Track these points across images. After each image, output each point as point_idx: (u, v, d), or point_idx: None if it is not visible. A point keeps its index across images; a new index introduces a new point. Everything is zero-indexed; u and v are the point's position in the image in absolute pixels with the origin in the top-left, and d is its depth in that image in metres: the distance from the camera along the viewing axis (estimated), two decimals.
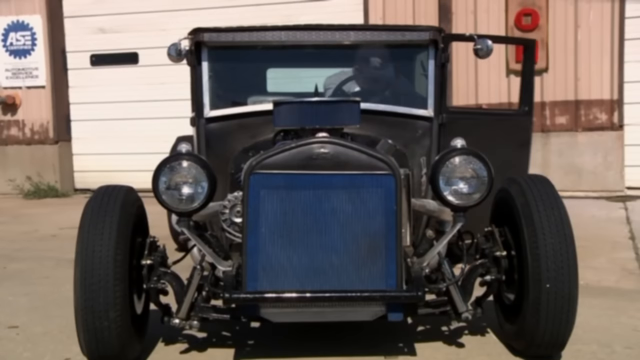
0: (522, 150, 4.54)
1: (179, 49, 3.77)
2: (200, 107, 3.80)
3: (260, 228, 2.77)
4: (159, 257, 3.05)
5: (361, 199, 2.77)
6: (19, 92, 9.46)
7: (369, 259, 2.76)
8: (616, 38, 7.71)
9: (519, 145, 4.53)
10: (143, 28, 8.90)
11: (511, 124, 4.57)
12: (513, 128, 4.52)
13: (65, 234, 6.17)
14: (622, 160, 7.86)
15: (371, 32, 3.86)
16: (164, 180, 2.86)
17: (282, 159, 2.77)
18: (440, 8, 8.01)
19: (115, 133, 9.15)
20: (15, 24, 9.37)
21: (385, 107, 3.83)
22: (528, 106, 4.49)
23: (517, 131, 4.52)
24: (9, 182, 9.34)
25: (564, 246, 2.86)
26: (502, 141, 4.35)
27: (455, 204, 2.92)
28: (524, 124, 4.53)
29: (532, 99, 4.53)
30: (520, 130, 4.53)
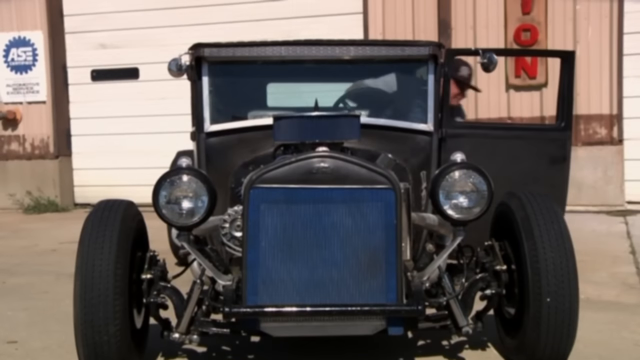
0: (558, 167, 4.35)
1: (179, 63, 3.78)
2: (200, 121, 3.81)
3: (260, 242, 2.77)
4: (159, 271, 3.05)
5: (361, 213, 2.77)
6: (19, 107, 9.49)
7: (369, 273, 2.76)
8: (615, 53, 7.75)
9: (554, 161, 4.35)
10: (143, 43, 8.93)
11: (547, 139, 4.42)
12: (548, 143, 4.37)
13: (65, 248, 6.17)
14: (622, 175, 7.87)
15: (371, 47, 3.88)
16: (164, 194, 2.86)
17: (282, 173, 2.77)
18: (440, 23, 8.05)
19: (115, 148, 9.16)
20: (16, 39, 9.41)
21: (385, 122, 3.84)
22: (565, 121, 4.32)
23: (553, 147, 4.36)
24: (9, 196, 9.34)
25: (565, 260, 2.87)
26: (536, 157, 4.27)
27: (455, 218, 2.92)
28: (561, 139, 4.35)
29: (570, 113, 4.35)
30: (556, 146, 4.35)
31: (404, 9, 8.18)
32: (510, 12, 7.87)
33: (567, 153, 4.36)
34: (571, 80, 4.36)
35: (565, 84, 4.36)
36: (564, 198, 4.31)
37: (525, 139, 4.44)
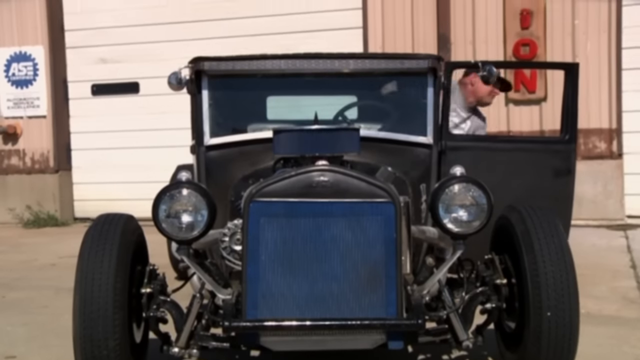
0: (563, 180, 4.35)
1: (179, 77, 3.80)
2: (200, 135, 3.81)
3: (260, 256, 2.76)
4: (159, 285, 3.04)
5: (361, 226, 2.77)
6: (20, 121, 9.50)
7: (369, 287, 2.75)
8: (614, 68, 7.77)
9: (559, 174, 4.35)
10: (144, 58, 8.96)
11: (551, 151, 4.43)
12: (553, 156, 4.38)
13: (65, 263, 6.15)
14: (622, 189, 7.86)
15: (370, 60, 3.89)
16: (164, 208, 2.86)
17: (281, 186, 2.77)
18: (439, 38, 8.08)
19: (115, 162, 9.17)
20: (17, 54, 9.44)
21: (385, 135, 3.85)
22: (570, 134, 4.33)
23: (557, 159, 4.37)
24: (9, 211, 9.33)
25: (565, 274, 2.86)
26: (540, 170, 4.27)
27: (455, 232, 2.92)
28: (566, 151, 4.35)
29: (575, 126, 4.35)
30: (561, 159, 4.36)
31: (404, 23, 8.21)
32: (509, 27, 7.91)
33: (572, 166, 4.36)
34: (575, 93, 4.37)
35: (570, 96, 4.36)
36: (570, 212, 4.29)
37: (529, 152, 4.43)
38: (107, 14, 9.11)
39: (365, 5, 8.32)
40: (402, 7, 8.21)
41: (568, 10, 7.83)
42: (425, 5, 8.15)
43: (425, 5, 8.15)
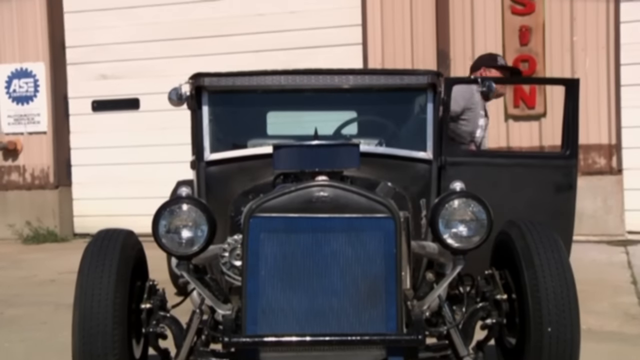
0: (564, 195, 4.33)
1: (179, 93, 3.81)
2: (200, 150, 3.82)
3: (260, 271, 2.75)
4: (158, 300, 3.03)
5: (361, 242, 2.76)
6: (20, 137, 9.53)
7: (369, 303, 2.74)
8: (612, 84, 7.80)
9: (560, 190, 4.34)
10: (144, 74, 9.01)
11: (552, 167, 4.42)
12: (554, 171, 4.37)
13: (64, 278, 6.14)
14: (622, 205, 7.87)
15: (370, 76, 3.91)
16: (164, 223, 2.86)
17: (281, 202, 2.77)
18: (439, 54, 8.12)
19: (115, 178, 9.18)
20: (18, 71, 9.48)
21: (385, 150, 3.86)
22: (571, 149, 4.32)
23: (558, 175, 4.36)
24: (9, 227, 9.33)
25: (565, 289, 2.86)
26: (541, 185, 4.27)
27: (455, 247, 2.91)
28: (567, 167, 4.34)
29: (576, 141, 4.35)
30: (562, 174, 4.35)
31: (403, 39, 8.26)
32: (509, 43, 7.95)
33: (574, 181, 4.35)
34: (576, 108, 4.36)
35: (570, 111, 4.36)
36: (571, 227, 4.29)
37: (530, 167, 4.43)
38: (108, 30, 9.16)
39: (365, 22, 8.37)
40: (401, 24, 8.26)
41: (566, 27, 7.87)
42: (425, 22, 8.19)
43: (425, 21, 8.19)
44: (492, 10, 8.03)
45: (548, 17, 7.87)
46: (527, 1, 7.89)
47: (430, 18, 8.17)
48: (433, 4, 8.16)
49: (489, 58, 5.60)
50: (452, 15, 8.12)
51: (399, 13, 8.26)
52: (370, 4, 8.34)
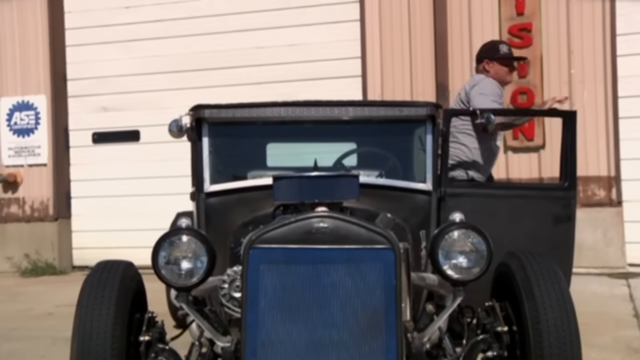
0: (563, 227, 4.35)
1: (180, 124, 3.83)
2: (200, 181, 3.83)
3: (259, 303, 2.74)
4: (158, 332, 3.01)
5: (361, 273, 2.75)
6: (20, 170, 9.54)
7: (369, 334, 2.72)
8: (610, 116, 7.83)
9: (559, 221, 4.35)
10: (144, 106, 9.06)
11: (551, 198, 4.43)
12: (553, 203, 4.38)
13: (62, 312, 6.10)
14: (623, 237, 7.85)
15: (369, 108, 3.93)
16: (164, 255, 2.86)
17: (281, 233, 2.77)
18: (438, 86, 8.17)
19: (115, 210, 9.17)
20: (20, 104, 9.54)
21: (384, 181, 3.87)
22: (569, 181, 4.35)
23: (557, 206, 4.37)
24: (7, 260, 9.29)
25: (566, 321, 2.84)
26: (540, 217, 4.28)
27: (455, 278, 2.90)
28: (566, 198, 4.36)
29: (574, 173, 4.38)
30: (561, 206, 4.37)
31: (402, 72, 8.32)
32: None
33: (572, 213, 4.36)
34: (574, 140, 4.41)
35: (568, 143, 4.40)
36: (571, 259, 4.29)
37: (529, 199, 4.45)
38: (109, 63, 9.24)
39: (365, 55, 8.44)
40: (400, 56, 8.33)
41: (564, 60, 7.94)
42: (424, 54, 8.26)
43: (424, 53, 8.26)
44: None
45: (546, 50, 7.94)
46: (525, 34, 7.97)
47: (429, 51, 8.25)
48: (432, 37, 8.24)
49: (491, 48, 5.41)
50: (451, 48, 8.19)
51: (398, 46, 8.34)
52: (370, 37, 8.43)
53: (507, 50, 5.37)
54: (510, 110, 4.95)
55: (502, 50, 5.33)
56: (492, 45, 5.46)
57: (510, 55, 5.39)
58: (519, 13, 7.99)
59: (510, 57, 5.40)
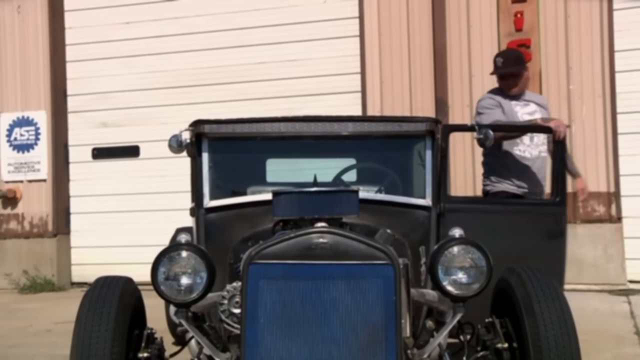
0: (555, 242, 4.37)
1: (179, 140, 3.84)
2: (200, 197, 3.83)
3: (259, 319, 2.73)
4: (157, 349, 3.00)
5: (360, 289, 2.75)
6: (20, 185, 9.53)
7: (369, 351, 2.71)
8: (610, 132, 7.83)
9: (551, 236, 4.38)
10: (144, 122, 9.07)
11: (544, 213, 4.46)
12: (545, 218, 4.41)
13: (60, 328, 6.07)
14: (623, 253, 7.82)
15: (369, 123, 3.94)
16: (163, 270, 2.85)
17: (281, 249, 2.76)
18: (437, 102, 8.19)
19: (114, 226, 9.15)
20: (20, 119, 9.54)
21: (384, 197, 3.86)
22: (560, 196, 4.36)
23: (549, 221, 4.40)
24: (5, 276, 9.25)
25: (567, 338, 2.83)
26: (532, 232, 4.29)
27: (455, 294, 2.90)
28: (558, 214, 4.38)
29: (564, 188, 4.40)
30: (553, 221, 4.40)
31: (402, 87, 8.34)
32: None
33: (564, 228, 4.39)
34: (563, 156, 4.46)
35: (558, 159, 4.45)
36: (562, 273, 4.31)
37: (522, 214, 4.47)
38: (109, 79, 9.25)
39: (364, 70, 8.47)
40: (399, 71, 8.36)
41: (563, 76, 7.96)
42: (423, 70, 8.29)
43: (423, 69, 8.29)
44: (490, 59, 8.06)
45: (544, 66, 7.97)
46: (523, 50, 7.97)
47: (429, 66, 8.27)
48: (431, 52, 8.26)
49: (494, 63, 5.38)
50: (450, 64, 8.21)
51: (398, 62, 8.37)
52: (369, 53, 8.45)
53: (499, 63, 5.33)
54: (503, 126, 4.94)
55: (497, 64, 5.33)
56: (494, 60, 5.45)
57: (496, 70, 5.35)
58: (518, 29, 8.03)
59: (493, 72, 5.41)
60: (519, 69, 5.27)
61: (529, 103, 5.25)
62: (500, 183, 5.10)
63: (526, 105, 5.24)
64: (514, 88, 5.24)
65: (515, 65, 5.27)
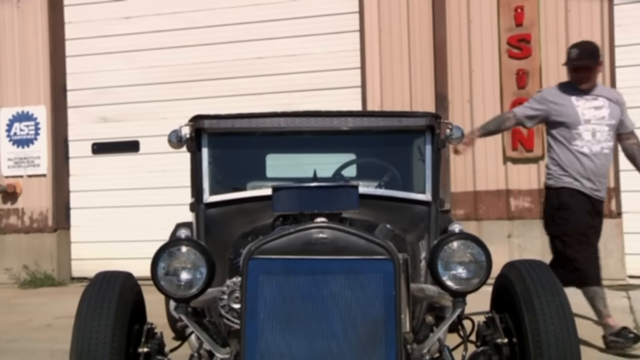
0: None
1: (179, 135, 3.83)
2: (199, 192, 3.83)
3: (258, 314, 2.73)
4: (156, 344, 3.00)
5: (360, 284, 2.75)
6: (20, 180, 9.53)
7: (368, 346, 2.71)
8: None
9: None
10: (144, 117, 9.07)
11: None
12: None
13: (60, 323, 6.08)
14: (622, 248, 7.83)
15: (369, 118, 3.94)
16: (163, 266, 2.85)
17: (280, 244, 2.76)
18: (437, 97, 8.19)
19: (114, 221, 9.16)
20: (20, 114, 9.54)
21: (384, 192, 3.86)
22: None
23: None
24: (6, 271, 9.27)
25: (566, 333, 2.83)
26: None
27: (454, 289, 2.90)
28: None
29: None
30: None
31: (402, 82, 8.34)
32: (506, 86, 8.03)
33: None
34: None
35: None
36: None
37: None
38: (109, 73, 9.25)
39: (364, 65, 8.46)
40: (399, 67, 8.35)
41: (563, 71, 7.85)
42: (423, 65, 8.28)
43: (423, 64, 8.28)
44: (490, 54, 8.12)
45: (545, 61, 7.96)
46: (523, 45, 8.00)
47: (429, 61, 8.27)
48: (431, 47, 8.26)
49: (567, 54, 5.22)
50: (450, 59, 8.21)
51: (397, 56, 8.36)
52: (369, 48, 8.45)
53: (574, 55, 5.16)
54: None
55: (571, 56, 5.17)
56: (568, 51, 5.28)
57: (570, 62, 5.18)
58: (518, 24, 8.02)
59: (566, 63, 5.25)
60: (593, 63, 5.10)
61: (597, 98, 5.09)
62: (562, 178, 5.03)
63: (594, 100, 5.08)
64: (586, 83, 5.10)
65: (590, 58, 5.09)
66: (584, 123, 4.99)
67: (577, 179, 4.97)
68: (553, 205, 5.06)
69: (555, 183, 5.06)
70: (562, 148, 5.04)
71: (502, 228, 8.05)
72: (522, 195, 8.02)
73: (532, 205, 7.95)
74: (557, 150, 5.07)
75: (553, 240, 5.06)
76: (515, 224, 8.04)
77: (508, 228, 8.05)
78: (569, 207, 4.94)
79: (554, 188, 5.06)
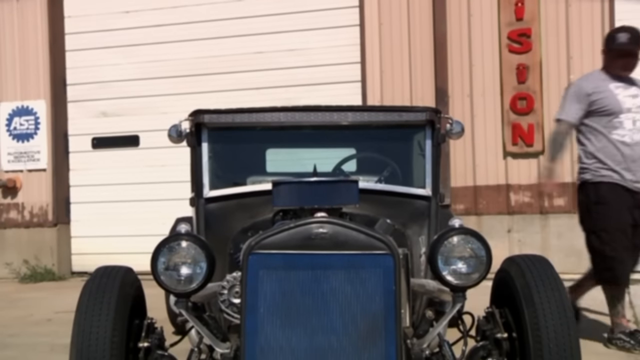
0: None
1: (179, 130, 3.83)
2: (199, 187, 3.82)
3: (258, 309, 2.73)
4: (157, 339, 3.00)
5: (360, 279, 2.75)
6: (20, 175, 9.54)
7: (368, 341, 2.71)
8: None
9: None
10: (144, 111, 9.07)
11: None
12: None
13: (61, 318, 6.09)
14: None
15: (369, 113, 3.93)
16: (163, 260, 2.84)
17: (280, 239, 2.76)
18: (437, 91, 8.18)
19: (114, 215, 9.17)
20: (19, 109, 9.53)
21: (384, 187, 3.86)
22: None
23: None
24: (6, 265, 9.28)
25: (566, 328, 2.83)
26: None
27: (454, 284, 2.89)
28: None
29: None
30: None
31: (402, 77, 8.33)
32: (506, 81, 8.02)
33: None
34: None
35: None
36: None
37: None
38: (109, 68, 9.24)
39: (364, 60, 8.45)
40: (400, 61, 8.34)
41: (563, 66, 7.94)
42: (423, 59, 8.28)
43: (423, 59, 8.28)
44: (490, 49, 8.11)
45: (545, 56, 7.96)
46: (524, 40, 7.99)
47: (429, 56, 8.26)
48: (431, 42, 8.25)
49: (608, 38, 4.97)
50: (450, 53, 8.20)
51: (398, 51, 8.35)
52: (369, 42, 8.44)
53: (625, 39, 4.82)
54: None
55: (619, 40, 4.84)
56: (609, 35, 5.01)
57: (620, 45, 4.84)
58: (518, 18, 8.01)
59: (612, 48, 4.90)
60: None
61: (631, 86, 4.88)
62: (600, 171, 4.80)
63: (630, 87, 4.87)
64: (630, 69, 4.87)
65: (638, 44, 4.81)
66: (625, 111, 4.77)
67: (617, 171, 4.74)
68: (591, 200, 4.81)
69: (592, 177, 4.82)
70: (600, 139, 4.81)
71: (502, 223, 8.06)
72: (522, 190, 8.02)
73: (532, 200, 7.96)
74: (595, 141, 4.83)
75: (589, 236, 4.86)
76: (515, 219, 8.04)
77: (508, 223, 8.06)
78: (608, 202, 4.73)
79: (592, 182, 4.82)
